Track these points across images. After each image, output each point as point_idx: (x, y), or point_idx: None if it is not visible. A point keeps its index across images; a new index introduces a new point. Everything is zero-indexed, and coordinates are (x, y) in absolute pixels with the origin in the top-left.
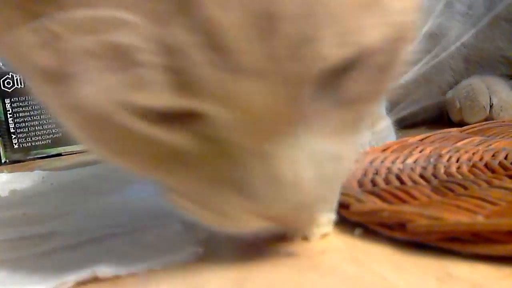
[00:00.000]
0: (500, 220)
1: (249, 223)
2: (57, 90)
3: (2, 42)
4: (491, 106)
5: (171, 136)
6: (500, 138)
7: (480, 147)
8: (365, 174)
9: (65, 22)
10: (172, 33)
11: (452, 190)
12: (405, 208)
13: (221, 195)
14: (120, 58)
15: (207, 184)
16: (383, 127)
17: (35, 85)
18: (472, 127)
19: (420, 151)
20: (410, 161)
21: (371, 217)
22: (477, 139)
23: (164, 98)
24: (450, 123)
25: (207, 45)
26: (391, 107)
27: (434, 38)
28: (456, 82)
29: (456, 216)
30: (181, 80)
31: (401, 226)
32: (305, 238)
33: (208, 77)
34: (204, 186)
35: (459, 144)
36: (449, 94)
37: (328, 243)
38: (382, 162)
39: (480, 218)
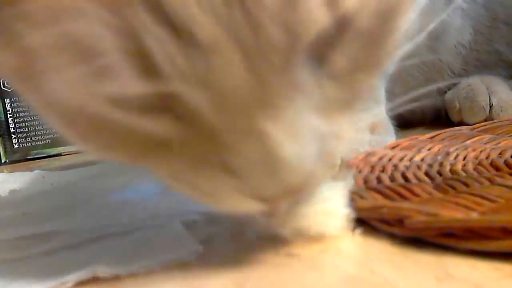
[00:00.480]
0: (494, 216)
1: (241, 204)
2: (29, 88)
3: None
4: (490, 107)
5: (152, 125)
6: (509, 136)
7: (488, 145)
8: (371, 171)
9: (22, 16)
10: (131, 16)
11: (453, 188)
12: (404, 204)
13: (210, 177)
14: (82, 49)
15: (195, 166)
16: (382, 127)
17: (11, 83)
18: (483, 125)
19: (429, 149)
20: (417, 158)
21: (372, 213)
22: (486, 137)
23: (132, 85)
24: (449, 123)
25: (169, 25)
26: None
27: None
28: (455, 83)
29: (453, 213)
30: (148, 64)
31: (400, 222)
32: (322, 234)
33: (174, 58)
34: (192, 169)
35: (468, 142)
36: (449, 95)
37: (328, 243)
38: (390, 159)
39: (474, 215)
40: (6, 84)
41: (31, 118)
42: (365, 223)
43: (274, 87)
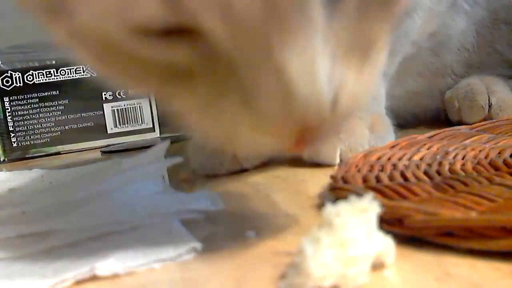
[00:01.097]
0: (492, 216)
1: (258, 142)
2: (60, 22)
3: None
4: (490, 106)
5: (173, 53)
6: (508, 136)
7: (487, 145)
8: (370, 170)
9: None
10: None
11: (453, 187)
12: (403, 204)
13: (229, 110)
14: None
15: (215, 99)
16: (382, 126)
17: (42, 23)
18: (482, 125)
19: (428, 148)
20: (416, 158)
21: None
22: (485, 136)
23: (158, 13)
24: (449, 123)
25: None
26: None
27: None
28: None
29: (452, 212)
30: None
31: (399, 221)
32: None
33: None
34: (212, 101)
35: (467, 141)
36: (448, 94)
37: None
38: (389, 159)
39: (473, 214)
40: (5, 83)
41: (30, 117)
42: None
43: (288, 13)
